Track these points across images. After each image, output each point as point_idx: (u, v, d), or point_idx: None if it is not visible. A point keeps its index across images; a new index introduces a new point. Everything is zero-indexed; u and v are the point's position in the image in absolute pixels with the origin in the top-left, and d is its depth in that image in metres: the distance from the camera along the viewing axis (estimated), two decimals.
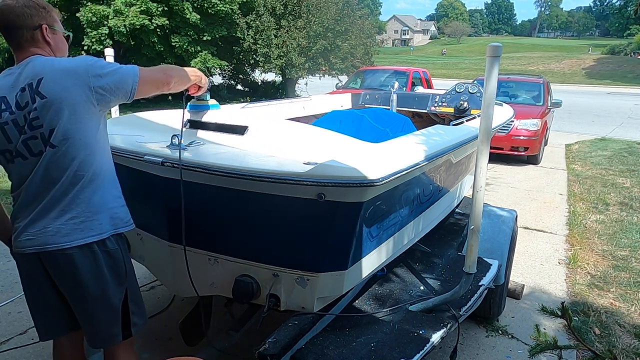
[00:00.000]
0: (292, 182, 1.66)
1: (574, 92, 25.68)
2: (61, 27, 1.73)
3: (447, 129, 2.90)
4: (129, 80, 1.63)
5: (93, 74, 1.57)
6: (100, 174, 1.67)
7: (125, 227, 1.77)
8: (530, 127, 8.29)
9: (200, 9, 13.87)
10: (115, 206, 1.72)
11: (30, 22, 1.61)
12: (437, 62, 50.93)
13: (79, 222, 1.63)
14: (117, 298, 1.74)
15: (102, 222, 1.67)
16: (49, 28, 1.65)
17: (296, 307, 1.99)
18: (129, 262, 1.79)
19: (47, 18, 1.65)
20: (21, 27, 1.60)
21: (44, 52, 1.65)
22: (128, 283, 1.77)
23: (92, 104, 1.58)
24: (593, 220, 5.47)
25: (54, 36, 1.68)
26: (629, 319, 3.34)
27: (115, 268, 1.72)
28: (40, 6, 1.64)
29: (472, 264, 2.20)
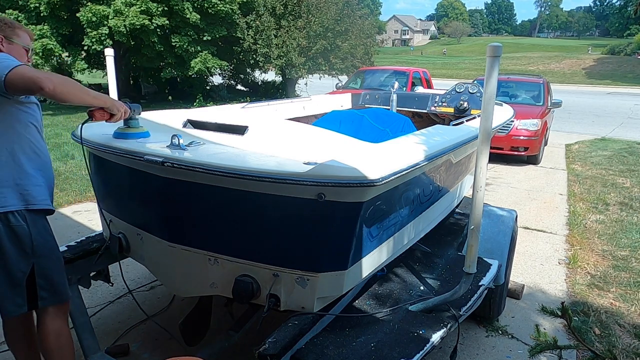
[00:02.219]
0: (292, 182, 1.66)
1: (574, 92, 25.68)
2: (22, 42, 2.07)
3: (447, 129, 2.90)
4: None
5: None
6: (15, 152, 1.86)
7: (38, 204, 1.92)
8: (530, 127, 8.29)
9: (200, 9, 13.86)
10: (27, 184, 1.89)
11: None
12: (437, 62, 50.92)
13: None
14: (20, 271, 1.88)
15: (6, 196, 1.84)
16: (4, 39, 2.01)
17: (296, 307, 1.99)
18: (41, 238, 1.93)
19: (5, 31, 2.02)
20: None
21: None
22: (36, 259, 1.91)
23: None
24: (593, 220, 5.47)
25: (9, 46, 2.02)
26: (629, 319, 3.34)
27: (19, 243, 1.87)
28: (4, 22, 2.03)
29: (472, 264, 2.20)
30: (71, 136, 2.34)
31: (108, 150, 2.10)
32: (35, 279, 1.93)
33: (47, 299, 1.98)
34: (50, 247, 2.00)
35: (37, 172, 1.95)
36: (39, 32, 12.54)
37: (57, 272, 2.03)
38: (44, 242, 1.96)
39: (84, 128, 2.09)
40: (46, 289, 1.97)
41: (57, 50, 12.88)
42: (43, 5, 12.33)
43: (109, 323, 3.07)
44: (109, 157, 2.19)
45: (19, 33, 2.08)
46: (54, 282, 2.01)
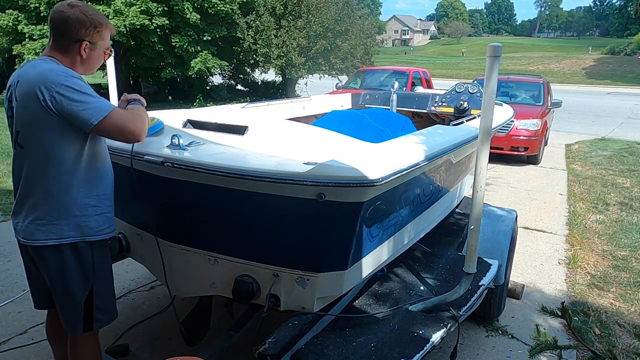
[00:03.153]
0: (292, 182, 1.66)
1: (574, 92, 25.68)
2: (105, 44, 1.85)
3: (447, 129, 2.90)
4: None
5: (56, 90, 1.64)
6: (67, 182, 1.74)
7: (97, 236, 1.84)
8: (530, 127, 8.29)
9: (201, 9, 13.87)
10: (85, 214, 1.79)
11: (74, 35, 1.75)
12: (437, 62, 50.93)
13: (40, 224, 1.76)
14: (81, 293, 1.85)
15: (63, 228, 1.76)
16: (89, 44, 1.79)
17: (296, 307, 1.99)
18: (101, 262, 1.89)
19: (92, 35, 1.78)
20: (64, 35, 1.76)
21: (66, 60, 1.77)
22: (95, 281, 1.87)
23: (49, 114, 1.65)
24: (593, 220, 5.47)
25: (91, 52, 1.81)
26: (629, 319, 3.34)
27: (81, 267, 1.83)
28: (93, 24, 1.77)
29: (472, 264, 2.20)
30: None
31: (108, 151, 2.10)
32: (93, 301, 1.88)
33: (102, 321, 1.95)
34: (108, 267, 1.96)
35: (96, 199, 1.83)
36: (39, 32, 12.55)
37: (111, 292, 2.00)
38: (104, 263, 1.92)
39: None
40: (102, 311, 1.93)
41: None
42: (43, 5, 12.34)
43: None
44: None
45: (104, 35, 1.84)
46: (109, 303, 1.97)
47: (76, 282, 1.83)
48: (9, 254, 4.14)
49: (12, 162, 1.84)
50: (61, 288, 1.85)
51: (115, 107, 1.72)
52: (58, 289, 1.86)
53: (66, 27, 1.74)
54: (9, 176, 6.53)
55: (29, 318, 3.15)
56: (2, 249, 4.26)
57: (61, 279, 1.83)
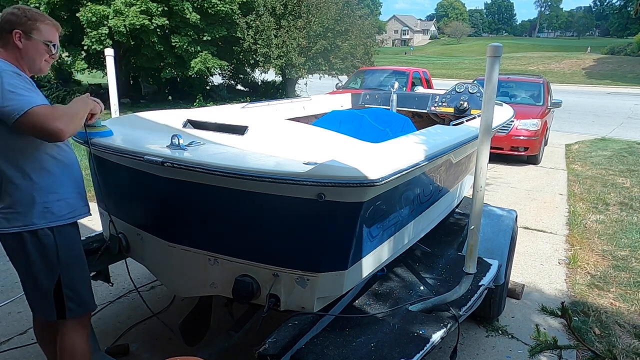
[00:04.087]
0: (292, 182, 1.66)
1: (574, 92, 25.68)
2: (44, 38, 1.89)
3: (447, 129, 2.90)
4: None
5: None
6: (26, 172, 1.81)
7: (59, 221, 1.88)
8: (530, 127, 8.29)
9: (200, 9, 13.85)
10: (46, 201, 1.85)
11: (7, 26, 1.83)
12: (437, 62, 50.92)
13: (5, 212, 1.83)
14: (47, 282, 1.89)
15: (26, 216, 1.82)
16: (23, 34, 1.84)
17: (296, 307, 1.99)
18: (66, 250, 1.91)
19: (24, 25, 1.84)
20: (2, 29, 1.85)
21: (10, 56, 1.84)
22: (61, 270, 1.90)
23: None
24: (593, 220, 5.47)
25: (27, 42, 1.86)
26: (629, 319, 3.34)
27: (44, 254, 1.86)
28: (26, 16, 1.85)
29: (472, 264, 2.20)
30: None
31: (108, 151, 2.10)
32: (62, 290, 1.91)
33: (74, 310, 1.95)
34: (76, 256, 1.97)
35: (57, 186, 1.88)
36: None
37: (82, 282, 2.00)
38: (70, 251, 1.93)
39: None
40: (73, 300, 1.95)
41: None
42: (43, 5, 12.31)
43: (109, 323, 3.07)
44: (109, 158, 2.19)
45: (40, 27, 1.89)
46: (80, 292, 1.98)
47: (40, 270, 1.87)
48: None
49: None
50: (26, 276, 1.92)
51: (40, 105, 1.70)
52: (24, 277, 1.92)
53: (2, 22, 1.84)
54: None
55: (28, 318, 3.14)
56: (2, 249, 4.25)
57: (25, 267, 1.89)
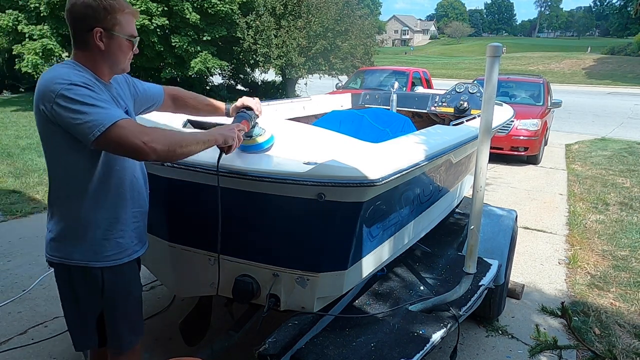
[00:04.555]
0: (292, 182, 1.66)
1: (574, 92, 25.67)
2: (125, 31, 1.57)
3: (447, 129, 2.90)
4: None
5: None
6: (79, 200, 1.58)
7: (100, 263, 1.64)
8: (530, 127, 8.30)
9: (200, 9, 13.85)
10: (94, 238, 1.62)
11: (85, 25, 1.52)
12: (437, 62, 50.93)
13: (62, 242, 1.64)
14: (90, 312, 1.73)
15: (71, 249, 1.62)
16: (103, 32, 1.52)
17: (296, 307, 1.99)
18: (113, 287, 1.70)
19: (104, 20, 1.52)
20: (76, 29, 1.54)
21: (89, 59, 1.56)
22: (105, 304, 1.72)
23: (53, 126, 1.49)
24: (593, 220, 5.47)
25: (109, 41, 1.54)
26: (629, 319, 3.33)
27: (91, 286, 1.68)
28: (105, 8, 1.51)
29: (472, 264, 2.20)
30: None
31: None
32: (105, 322, 1.75)
33: (113, 345, 1.79)
34: (124, 296, 1.75)
35: (106, 222, 1.63)
36: (39, 32, 12.53)
37: (126, 320, 1.80)
38: (118, 290, 1.72)
39: None
40: (112, 336, 1.78)
41: (57, 51, 12.86)
42: (43, 5, 12.31)
43: None
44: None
45: (121, 19, 1.55)
46: (121, 330, 1.79)
47: (83, 302, 1.71)
48: (9, 254, 4.14)
49: None
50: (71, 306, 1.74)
51: (122, 119, 1.43)
52: (67, 304, 1.75)
53: (76, 18, 1.52)
54: (8, 176, 6.52)
55: (29, 318, 3.15)
56: (2, 249, 4.26)
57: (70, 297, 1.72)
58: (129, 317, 1.80)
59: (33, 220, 5.05)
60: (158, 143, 1.45)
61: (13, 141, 9.16)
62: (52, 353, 2.78)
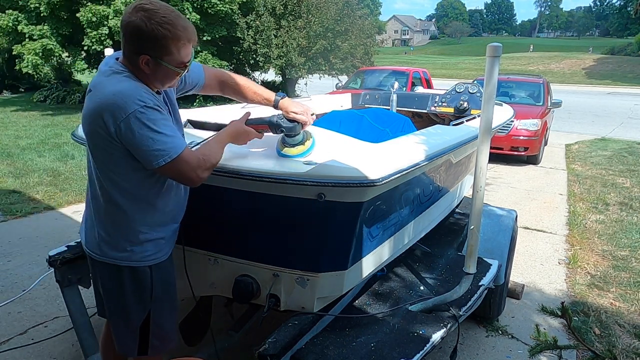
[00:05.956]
0: (292, 182, 1.66)
1: (574, 92, 25.66)
2: (174, 61, 1.53)
3: (447, 129, 2.90)
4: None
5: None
6: (125, 205, 1.61)
7: (140, 262, 1.68)
8: (530, 127, 8.30)
9: (200, 9, 13.85)
10: (135, 241, 1.65)
11: (134, 47, 1.50)
12: (437, 62, 50.92)
13: (103, 241, 1.67)
14: (137, 317, 1.74)
15: (118, 252, 1.66)
16: (150, 59, 1.49)
17: (296, 307, 1.99)
18: (160, 287, 1.74)
19: (154, 50, 1.48)
20: (126, 45, 1.53)
21: (137, 73, 1.54)
22: (153, 306, 1.75)
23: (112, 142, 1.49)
24: (593, 220, 5.47)
25: (156, 67, 1.52)
26: (629, 319, 3.33)
27: (139, 290, 1.71)
28: (153, 36, 1.45)
29: (472, 264, 2.20)
30: (71, 136, 2.33)
31: None
32: (150, 326, 1.76)
33: (157, 347, 1.82)
34: (170, 292, 1.81)
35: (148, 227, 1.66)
36: (39, 32, 12.54)
37: (171, 317, 1.85)
38: (165, 289, 1.77)
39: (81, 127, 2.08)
40: (158, 337, 1.81)
41: (57, 51, 12.87)
42: (43, 6, 12.32)
43: None
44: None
45: (173, 50, 1.50)
46: (167, 330, 1.84)
47: (132, 305, 1.72)
48: (9, 254, 4.14)
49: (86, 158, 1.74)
50: (116, 308, 1.76)
51: (184, 149, 1.49)
52: (113, 308, 1.77)
53: (128, 37, 1.50)
54: (8, 176, 6.53)
55: (29, 318, 3.15)
56: (2, 249, 4.26)
57: (117, 300, 1.74)
58: (173, 317, 1.87)
59: (33, 220, 5.05)
60: (206, 173, 1.58)
61: (13, 141, 9.17)
62: (52, 353, 2.78)
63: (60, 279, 2.48)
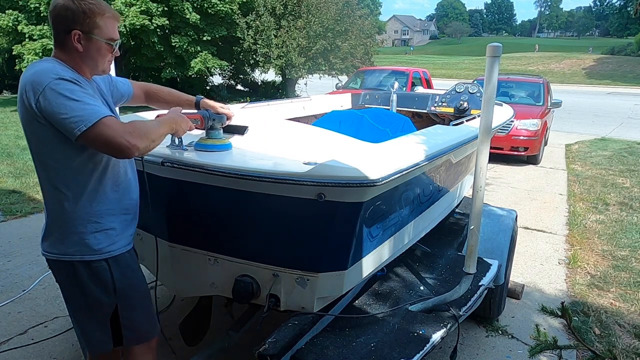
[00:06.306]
0: (292, 182, 1.66)
1: (574, 92, 25.67)
2: (104, 35, 1.59)
3: (447, 129, 2.90)
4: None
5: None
6: (67, 192, 1.59)
7: (94, 255, 1.65)
8: (530, 127, 8.30)
9: (200, 9, 13.85)
10: (85, 232, 1.62)
11: (64, 25, 1.55)
12: (437, 62, 50.92)
13: (55, 238, 1.65)
14: (103, 311, 1.72)
15: (68, 246, 1.63)
16: (82, 34, 1.55)
17: (296, 307, 1.99)
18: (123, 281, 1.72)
19: (83, 24, 1.54)
20: (56, 29, 1.57)
21: (69, 59, 1.58)
22: (119, 301, 1.72)
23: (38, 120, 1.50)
24: (593, 220, 5.47)
25: (88, 43, 1.57)
26: (629, 319, 3.34)
27: (100, 285, 1.68)
28: (84, 11, 1.53)
29: (472, 264, 2.20)
30: None
31: None
32: (119, 318, 1.74)
33: (132, 338, 1.80)
34: (135, 285, 1.78)
35: (96, 215, 1.63)
36: (39, 32, 12.54)
37: (142, 310, 1.83)
38: (128, 282, 1.74)
39: None
40: (131, 329, 1.78)
41: None
42: (43, 6, 12.32)
43: None
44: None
45: (100, 23, 1.57)
46: (138, 320, 1.81)
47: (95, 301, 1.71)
48: (9, 254, 4.14)
49: None
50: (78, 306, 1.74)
51: (106, 115, 1.46)
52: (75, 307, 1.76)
53: (56, 19, 1.56)
54: (8, 176, 6.52)
55: (29, 318, 3.15)
56: (2, 249, 4.26)
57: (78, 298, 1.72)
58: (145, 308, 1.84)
59: (33, 220, 5.05)
60: (139, 140, 1.49)
61: (13, 141, 9.17)
62: (52, 353, 2.78)
63: None
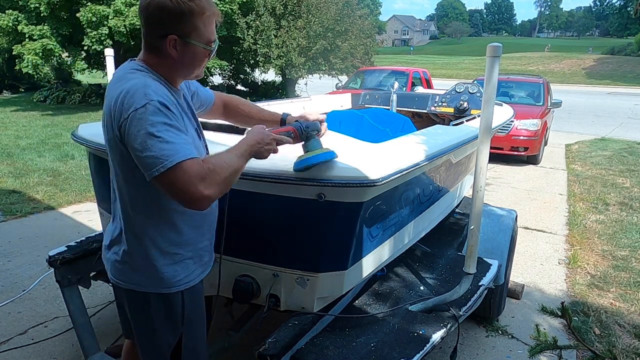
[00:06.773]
0: (292, 182, 1.66)
1: (574, 92, 25.66)
2: (203, 38, 1.38)
3: (447, 129, 2.90)
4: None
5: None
6: (145, 220, 1.45)
7: (172, 288, 1.51)
8: (530, 127, 8.30)
9: None
10: (162, 264, 1.48)
11: (159, 29, 1.35)
12: (437, 62, 50.92)
13: (127, 264, 1.51)
14: (168, 343, 1.61)
15: (144, 276, 1.50)
16: (178, 40, 1.35)
17: (296, 307, 1.99)
18: (192, 310, 1.61)
19: (181, 27, 1.34)
20: (148, 32, 1.38)
21: (161, 65, 1.40)
22: (185, 329, 1.62)
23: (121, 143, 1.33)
24: (593, 220, 5.47)
25: (184, 49, 1.37)
26: (629, 319, 3.34)
27: (171, 317, 1.57)
28: (179, 10, 1.31)
29: (472, 264, 2.20)
30: (71, 136, 2.33)
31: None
32: (181, 350, 1.63)
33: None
34: (199, 311, 1.67)
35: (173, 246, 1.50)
36: (39, 32, 12.54)
37: (201, 344, 1.72)
38: (196, 312, 1.63)
39: (81, 127, 2.08)
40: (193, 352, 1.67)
41: (57, 51, 12.87)
42: (43, 6, 12.32)
43: (109, 323, 3.06)
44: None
45: (199, 25, 1.36)
46: (199, 351, 1.70)
47: (161, 328, 1.58)
48: (9, 254, 4.15)
49: None
50: (144, 333, 1.61)
51: (191, 158, 1.25)
52: (139, 333, 1.62)
53: (149, 20, 1.35)
54: (8, 176, 6.53)
55: (29, 318, 3.15)
56: (2, 249, 4.26)
57: (145, 324, 1.59)
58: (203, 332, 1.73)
59: (33, 220, 5.05)
60: (213, 189, 1.29)
61: (13, 141, 9.17)
62: (52, 353, 2.78)
63: (60, 279, 2.48)
